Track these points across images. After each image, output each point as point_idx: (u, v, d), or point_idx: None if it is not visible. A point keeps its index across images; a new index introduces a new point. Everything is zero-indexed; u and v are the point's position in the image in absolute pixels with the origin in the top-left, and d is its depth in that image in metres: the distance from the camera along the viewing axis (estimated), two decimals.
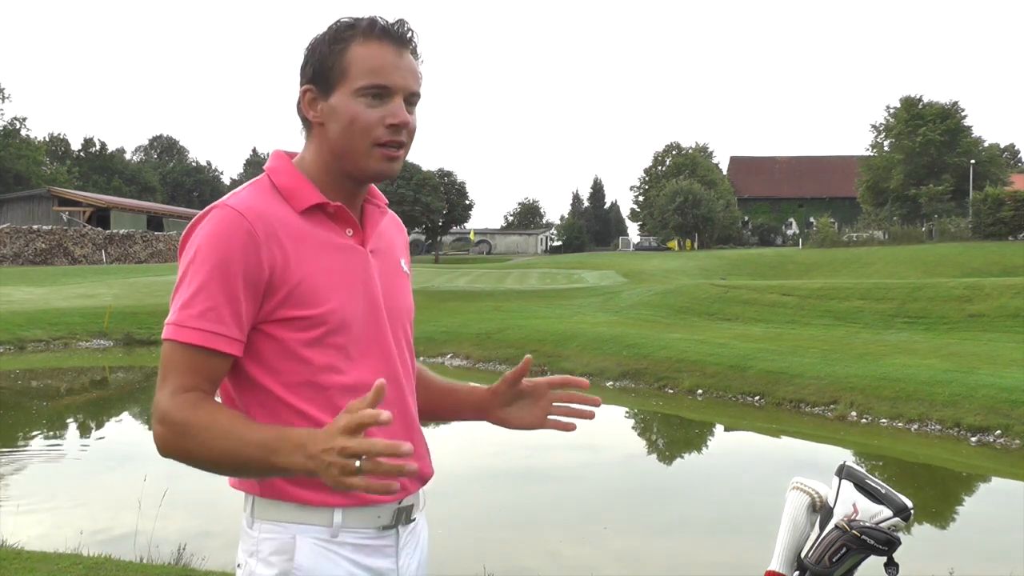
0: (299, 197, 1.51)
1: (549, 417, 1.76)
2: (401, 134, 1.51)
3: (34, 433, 11.75)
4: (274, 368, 1.47)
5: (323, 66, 1.49)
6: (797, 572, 1.70)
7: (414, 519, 1.60)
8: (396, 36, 1.50)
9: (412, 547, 1.59)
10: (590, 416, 1.75)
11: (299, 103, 1.54)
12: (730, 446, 11.71)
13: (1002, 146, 67.36)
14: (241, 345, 1.45)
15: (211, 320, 1.41)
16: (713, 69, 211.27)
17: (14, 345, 18.36)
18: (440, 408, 1.85)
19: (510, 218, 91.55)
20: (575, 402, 1.75)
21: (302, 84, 1.53)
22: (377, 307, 1.57)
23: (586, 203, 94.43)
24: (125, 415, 13.59)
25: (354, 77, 1.47)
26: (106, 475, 9.38)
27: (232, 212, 1.44)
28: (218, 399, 1.48)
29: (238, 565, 1.53)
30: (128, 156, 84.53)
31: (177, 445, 1.37)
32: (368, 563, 1.50)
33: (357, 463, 1.20)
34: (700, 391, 13.53)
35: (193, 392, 1.40)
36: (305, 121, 1.55)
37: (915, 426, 10.98)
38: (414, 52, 1.53)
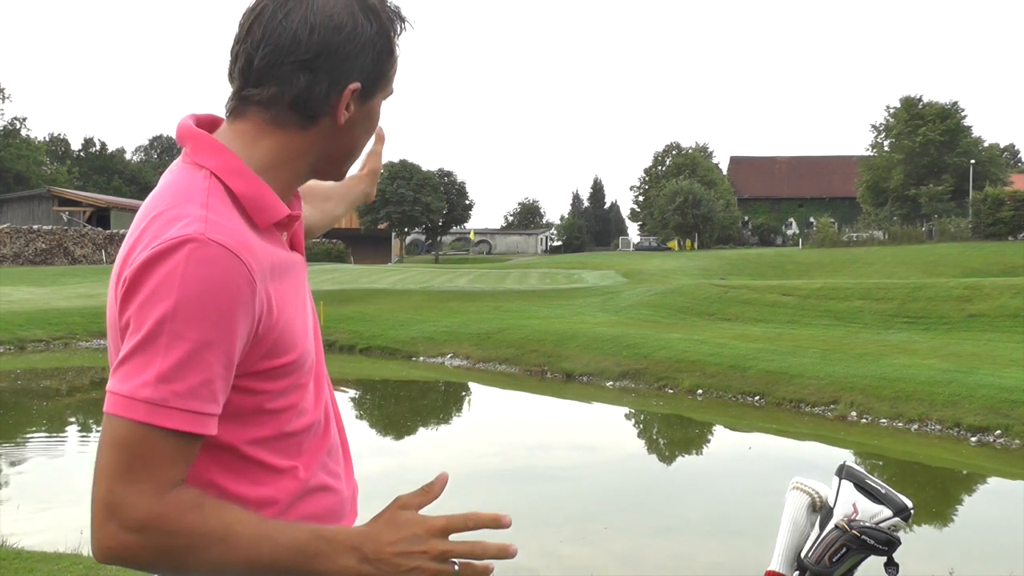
0: (265, 210, 1.19)
1: None
2: None
3: (34, 433, 11.75)
4: (243, 423, 1.19)
5: (379, 66, 1.24)
6: (797, 572, 1.70)
7: None
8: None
9: None
10: None
11: (323, 95, 1.20)
12: (730, 446, 11.71)
13: (1002, 146, 67.43)
14: None
15: (204, 399, 1.09)
16: (713, 69, 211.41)
17: (14, 345, 18.37)
18: (350, 205, 1.86)
19: (510, 218, 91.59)
20: None
21: (348, 78, 1.21)
22: (317, 328, 1.34)
23: (586, 203, 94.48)
24: None
25: (390, 82, 1.29)
26: None
27: (223, 252, 1.09)
28: None
29: None
30: (128, 156, 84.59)
31: (166, 559, 1.09)
32: None
33: (456, 567, 1.11)
34: (700, 391, 13.53)
35: (184, 488, 1.11)
36: (310, 115, 1.21)
37: (915, 426, 10.98)
38: None
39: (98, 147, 77.32)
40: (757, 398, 12.88)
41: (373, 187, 1.92)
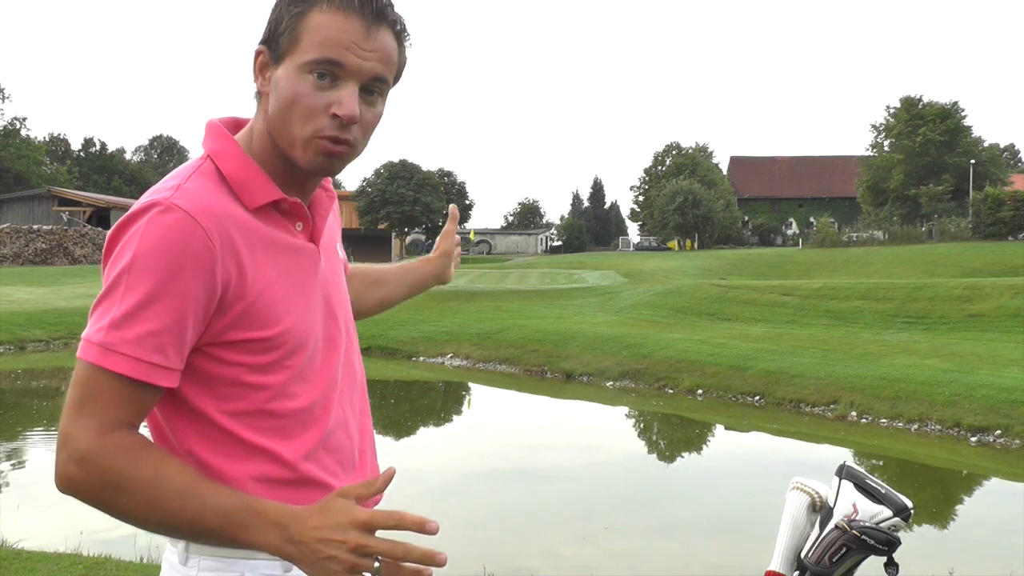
0: (252, 192, 1.26)
1: None
2: (348, 130, 1.24)
3: (34, 433, 11.75)
4: (218, 394, 1.24)
5: (277, 28, 1.25)
6: (797, 572, 1.70)
7: None
8: (369, 8, 1.23)
9: None
10: None
11: (253, 65, 1.30)
12: (730, 446, 11.71)
13: (1002, 146, 67.39)
14: (179, 375, 1.21)
15: (150, 348, 1.15)
16: (713, 69, 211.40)
17: (14, 345, 18.38)
18: (411, 289, 1.88)
19: (510, 218, 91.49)
20: None
21: (259, 44, 1.29)
22: (332, 316, 1.36)
23: (586, 203, 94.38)
24: None
25: (304, 48, 1.22)
26: None
27: (181, 215, 1.16)
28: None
29: None
30: (128, 156, 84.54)
31: (101, 495, 1.15)
32: None
33: (376, 564, 1.11)
34: (700, 391, 13.53)
35: (126, 431, 1.17)
36: (257, 90, 1.31)
37: (915, 426, 10.98)
38: (398, 33, 1.29)
39: (98, 147, 77.30)
40: (757, 398, 12.88)
41: (448, 269, 1.93)
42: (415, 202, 50.99)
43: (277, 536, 1.14)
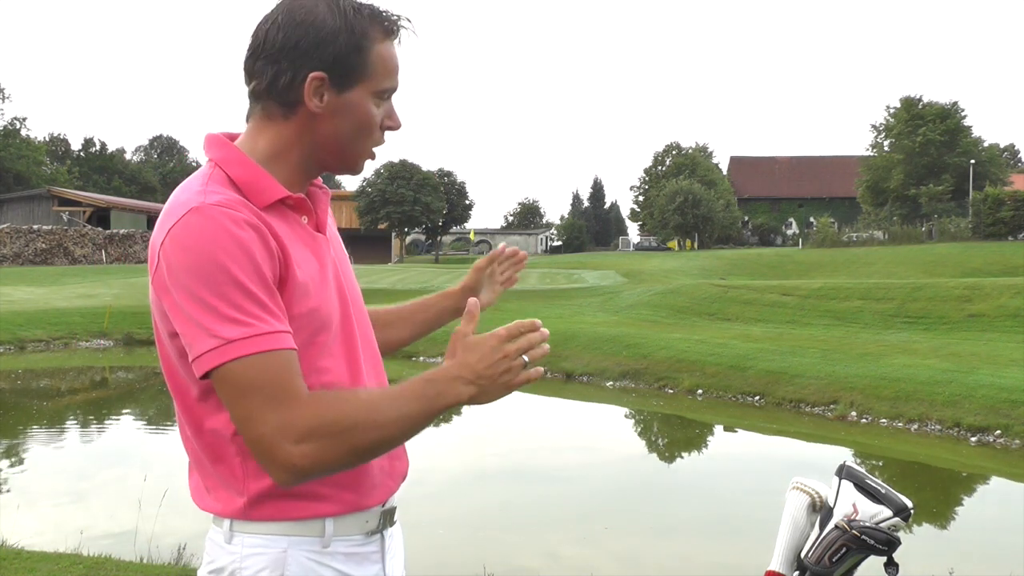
0: (261, 191, 1.35)
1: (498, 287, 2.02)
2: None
3: (34, 433, 11.75)
4: None
5: (346, 59, 1.36)
6: (797, 572, 1.70)
7: (395, 521, 1.55)
8: (397, 33, 1.42)
9: (394, 551, 1.53)
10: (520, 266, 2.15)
11: (288, 84, 1.35)
12: (730, 446, 11.72)
13: (1002, 146, 67.40)
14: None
15: (264, 320, 1.25)
16: (713, 69, 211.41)
17: (14, 345, 18.37)
18: (421, 327, 1.91)
19: (510, 218, 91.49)
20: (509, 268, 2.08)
21: (308, 68, 1.34)
22: (344, 298, 1.46)
23: (586, 203, 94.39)
24: (125, 415, 13.60)
25: (377, 78, 1.39)
26: (106, 475, 9.39)
27: (218, 208, 1.26)
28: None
29: None
30: (128, 156, 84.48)
31: (342, 444, 1.24)
32: (358, 573, 1.42)
33: (526, 359, 1.31)
34: (700, 391, 13.53)
35: (306, 391, 1.26)
36: (287, 104, 1.37)
37: (915, 426, 10.98)
38: None
39: (98, 147, 77.25)
40: (757, 398, 12.88)
41: (462, 302, 1.93)
42: (415, 202, 50.95)
43: (462, 385, 1.30)
